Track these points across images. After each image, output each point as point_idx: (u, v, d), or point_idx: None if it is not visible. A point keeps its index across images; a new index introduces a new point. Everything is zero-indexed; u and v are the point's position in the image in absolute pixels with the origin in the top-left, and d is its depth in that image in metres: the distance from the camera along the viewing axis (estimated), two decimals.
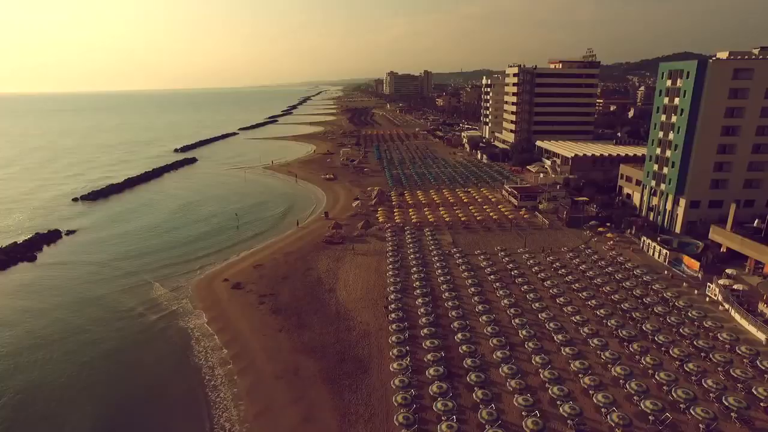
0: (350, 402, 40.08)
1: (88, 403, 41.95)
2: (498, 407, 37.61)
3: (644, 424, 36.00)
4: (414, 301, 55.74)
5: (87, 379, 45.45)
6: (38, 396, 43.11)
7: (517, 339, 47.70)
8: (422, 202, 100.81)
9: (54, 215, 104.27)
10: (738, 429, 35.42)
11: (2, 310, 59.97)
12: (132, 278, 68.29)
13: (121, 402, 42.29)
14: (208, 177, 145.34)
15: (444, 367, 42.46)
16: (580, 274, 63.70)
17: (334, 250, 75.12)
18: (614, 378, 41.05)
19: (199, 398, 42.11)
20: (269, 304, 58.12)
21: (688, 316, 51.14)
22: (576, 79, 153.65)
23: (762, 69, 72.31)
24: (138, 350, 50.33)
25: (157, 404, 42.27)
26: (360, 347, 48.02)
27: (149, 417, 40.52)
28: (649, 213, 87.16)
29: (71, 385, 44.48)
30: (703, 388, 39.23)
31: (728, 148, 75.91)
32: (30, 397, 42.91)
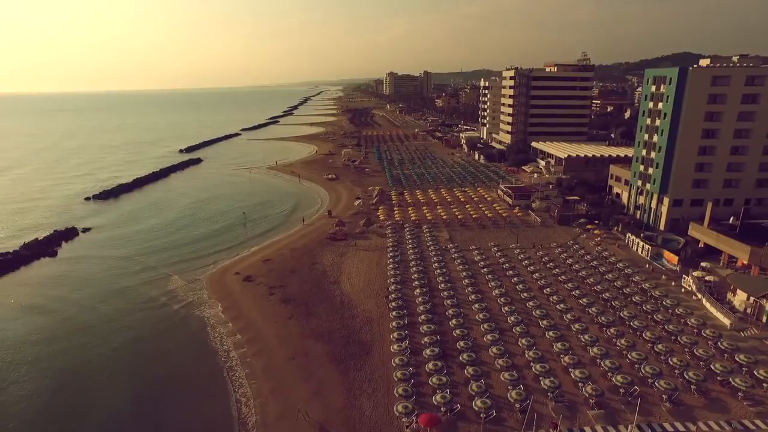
0: (355, 379, 44.84)
1: (123, 380, 46.74)
2: (486, 382, 42.34)
3: (615, 396, 40.80)
4: (412, 292, 60.53)
5: (120, 360, 50.20)
6: (80, 375, 47.92)
7: (505, 325, 52.45)
8: (421, 201, 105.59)
9: (68, 214, 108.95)
10: (696, 399, 40.25)
11: (38, 299, 65.05)
12: (151, 272, 73.03)
13: (151, 380, 47.05)
14: (214, 177, 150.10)
15: (439, 348, 47.24)
16: (567, 267, 68.50)
17: (337, 246, 79.88)
18: (591, 357, 45.83)
19: (219, 377, 46.88)
20: (279, 295, 62.88)
21: (662, 304, 55.97)
22: (571, 82, 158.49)
23: (738, 76, 77.14)
24: (163, 336, 55.11)
25: (182, 382, 46.96)
26: (363, 332, 52.79)
27: (177, 393, 45.33)
28: (636, 211, 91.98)
29: (106, 366, 49.28)
30: (669, 365, 44.06)
31: (708, 149, 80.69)
32: (73, 376, 47.67)
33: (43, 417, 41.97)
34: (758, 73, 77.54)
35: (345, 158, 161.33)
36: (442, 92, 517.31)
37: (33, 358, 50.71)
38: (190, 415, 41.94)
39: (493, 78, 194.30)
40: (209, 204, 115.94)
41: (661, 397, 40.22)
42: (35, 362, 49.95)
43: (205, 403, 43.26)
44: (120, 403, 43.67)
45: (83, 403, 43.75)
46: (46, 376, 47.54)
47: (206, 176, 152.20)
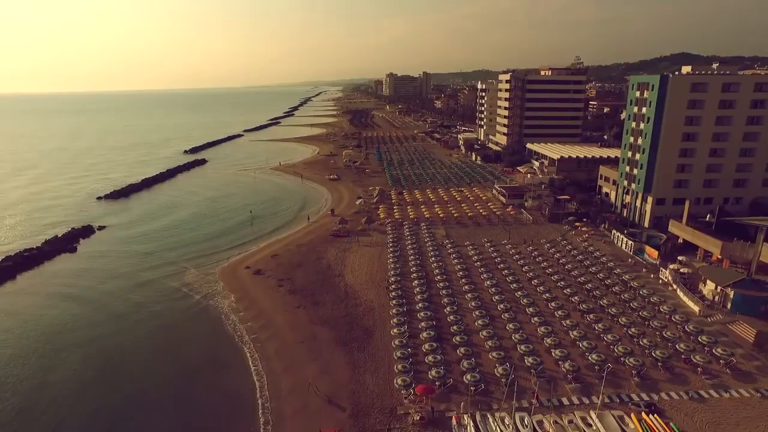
0: (359, 359, 50.01)
1: (158, 360, 52.09)
2: (477, 361, 47.52)
3: (590, 372, 46.00)
4: (411, 283, 65.75)
5: (152, 344, 55.58)
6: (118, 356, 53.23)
7: (495, 312, 57.64)
8: (419, 201, 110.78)
9: (82, 212, 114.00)
10: (661, 374, 45.48)
11: (71, 290, 70.57)
12: (170, 267, 78.17)
13: (181, 360, 52.26)
14: (220, 177, 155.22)
15: (434, 332, 52.48)
16: (555, 261, 73.73)
17: (340, 242, 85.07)
18: (571, 340, 51.06)
19: (238, 357, 52.07)
20: (287, 287, 68.05)
21: (639, 294, 61.26)
22: (564, 86, 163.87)
23: (716, 83, 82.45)
24: (186, 323, 60.35)
25: (207, 362, 51.94)
26: (366, 319, 57.97)
27: (203, 370, 50.41)
28: (622, 209, 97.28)
29: (140, 348, 54.74)
30: (640, 345, 49.30)
31: (689, 152, 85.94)
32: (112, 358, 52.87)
33: (91, 393, 47.09)
34: (733, 81, 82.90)
35: (346, 159, 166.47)
36: (442, 93, 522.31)
37: (76, 342, 56.03)
38: (218, 388, 47.11)
39: (490, 81, 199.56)
40: (218, 203, 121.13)
41: (630, 373, 45.44)
42: (79, 346, 55.21)
43: (228, 379, 48.44)
44: (156, 379, 48.97)
45: (124, 380, 49.06)
46: (90, 358, 52.90)
47: (212, 176, 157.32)
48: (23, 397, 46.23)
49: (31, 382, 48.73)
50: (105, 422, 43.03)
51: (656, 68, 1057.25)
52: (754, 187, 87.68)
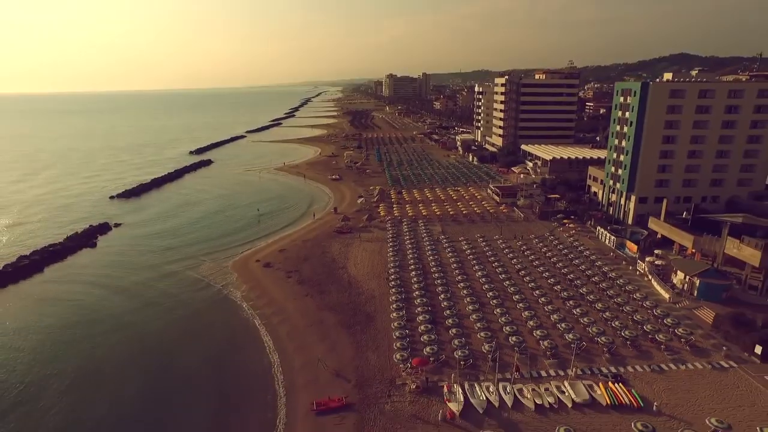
0: (362, 339, 56.05)
1: (189, 342, 58.24)
2: (466, 340, 53.57)
3: (566, 349, 52.05)
4: (408, 274, 71.84)
5: (184, 327, 61.93)
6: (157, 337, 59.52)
7: (485, 299, 63.72)
8: (417, 199, 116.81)
9: (97, 211, 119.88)
10: (629, 350, 51.60)
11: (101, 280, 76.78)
12: (188, 260, 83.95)
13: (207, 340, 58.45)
14: (227, 177, 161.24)
15: (429, 316, 58.54)
16: (542, 254, 79.81)
17: (343, 238, 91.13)
18: (552, 322, 57.10)
19: (255, 338, 58.12)
20: (295, 278, 74.09)
21: (616, 283, 67.41)
22: (558, 89, 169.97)
23: (692, 90, 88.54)
24: (208, 309, 66.37)
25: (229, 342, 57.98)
26: (368, 305, 64.02)
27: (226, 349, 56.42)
28: (608, 207, 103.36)
29: (173, 330, 61.18)
30: (612, 327, 55.41)
31: (669, 153, 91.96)
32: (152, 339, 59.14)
33: (135, 368, 53.43)
34: (709, 87, 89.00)
35: (347, 160, 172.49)
36: (441, 94, 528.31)
37: (116, 326, 62.26)
38: (240, 364, 53.21)
39: (487, 84, 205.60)
40: (226, 201, 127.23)
41: (602, 350, 51.52)
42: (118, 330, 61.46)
43: (248, 356, 54.57)
44: (188, 356, 55.40)
45: (161, 358, 55.53)
46: (131, 339, 59.21)
47: (219, 176, 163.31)
48: (79, 371, 52.44)
49: (83, 359, 54.90)
50: (151, 390, 49.45)
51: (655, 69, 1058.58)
52: (730, 187, 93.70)
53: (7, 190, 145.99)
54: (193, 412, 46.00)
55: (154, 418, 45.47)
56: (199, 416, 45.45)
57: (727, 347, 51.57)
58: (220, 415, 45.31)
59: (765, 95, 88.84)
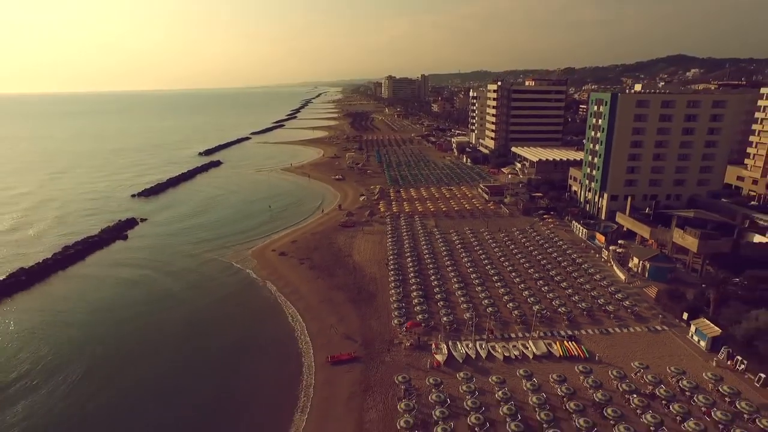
0: (366, 311, 67.71)
1: (227, 318, 69.43)
2: (451, 310, 65.21)
3: (531, 317, 63.80)
4: (405, 261, 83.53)
5: (221, 305, 73.09)
6: (200, 314, 70.62)
7: (469, 280, 75.41)
8: (414, 197, 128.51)
9: (122, 207, 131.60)
10: (584, 318, 63.43)
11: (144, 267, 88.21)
12: (214, 252, 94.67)
13: (244, 313, 70.18)
14: (237, 177, 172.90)
15: (422, 293, 70.27)
16: (521, 245, 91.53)
17: (348, 231, 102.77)
18: (523, 298, 68.86)
19: (278, 312, 69.74)
20: (307, 264, 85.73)
21: (582, 267, 79.19)
22: (546, 95, 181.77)
23: (656, 100, 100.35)
24: (239, 291, 77.55)
25: (257, 315, 69.66)
26: (370, 286, 75.68)
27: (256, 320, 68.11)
28: (585, 204, 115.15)
29: (214, 309, 71.94)
30: (572, 300, 67.24)
31: (636, 156, 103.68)
32: (196, 315, 70.28)
33: (190, 334, 65.17)
34: (670, 99, 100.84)
35: (349, 161, 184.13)
36: (439, 96, 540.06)
37: (168, 305, 73.48)
38: (271, 330, 65.06)
39: (481, 89, 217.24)
40: (240, 199, 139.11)
41: (562, 318, 63.32)
42: (171, 308, 72.45)
43: (276, 324, 66.35)
44: (231, 323, 67.25)
45: (212, 324, 67.30)
46: (188, 311, 71.04)
47: (230, 176, 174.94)
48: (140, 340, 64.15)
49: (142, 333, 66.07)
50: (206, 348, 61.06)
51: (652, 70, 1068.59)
52: (691, 186, 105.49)
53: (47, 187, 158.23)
54: (239, 362, 57.65)
55: (213, 364, 57.42)
56: (243, 365, 57.11)
57: (663, 315, 63.40)
58: (259, 365, 57.04)
59: (719, 105, 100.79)
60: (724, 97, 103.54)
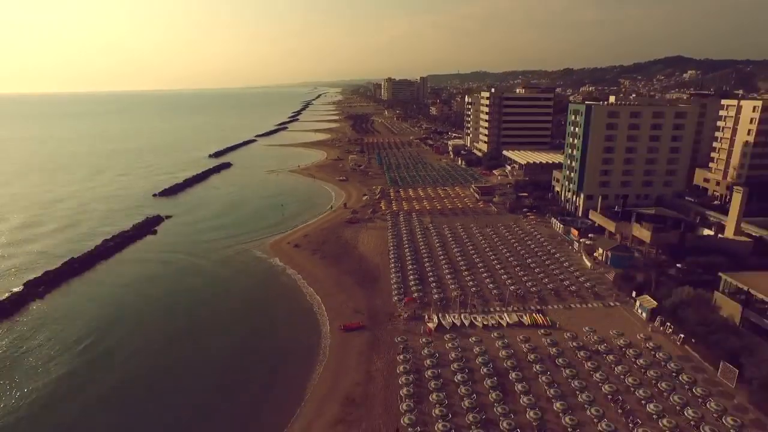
0: (370, 291, 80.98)
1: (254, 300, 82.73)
2: (442, 290, 78.60)
3: (508, 296, 77.17)
4: (403, 251, 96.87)
5: (248, 290, 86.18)
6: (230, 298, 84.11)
7: (458, 267, 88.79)
8: (412, 197, 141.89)
9: (146, 205, 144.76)
10: (552, 296, 76.90)
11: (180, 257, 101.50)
12: (237, 245, 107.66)
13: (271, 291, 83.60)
14: (248, 178, 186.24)
15: (418, 277, 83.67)
16: (505, 238, 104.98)
17: (353, 226, 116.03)
18: (502, 280, 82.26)
19: (297, 293, 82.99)
20: (319, 254, 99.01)
21: (555, 257, 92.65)
22: (535, 102, 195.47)
23: (625, 111, 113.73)
24: (265, 274, 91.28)
25: (280, 295, 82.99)
26: (374, 272, 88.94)
27: (279, 300, 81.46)
28: (565, 203, 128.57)
29: (242, 293, 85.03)
30: (543, 282, 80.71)
31: (608, 161, 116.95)
32: (238, 295, 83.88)
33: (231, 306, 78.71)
34: (638, 110, 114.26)
35: (352, 163, 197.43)
36: (437, 98, 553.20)
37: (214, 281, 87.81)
38: (294, 305, 78.43)
39: (476, 95, 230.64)
40: (253, 198, 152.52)
41: (533, 296, 76.72)
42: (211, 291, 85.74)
43: (297, 301, 79.69)
44: (258, 304, 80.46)
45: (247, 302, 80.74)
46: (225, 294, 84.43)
47: (241, 177, 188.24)
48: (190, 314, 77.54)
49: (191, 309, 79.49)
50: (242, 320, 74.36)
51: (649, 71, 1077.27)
52: (658, 187, 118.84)
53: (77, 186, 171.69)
54: (272, 330, 71.15)
55: (251, 330, 70.67)
56: (275, 332, 70.62)
57: (617, 294, 76.90)
58: (288, 332, 70.50)
59: (680, 116, 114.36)
60: (685, 109, 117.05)
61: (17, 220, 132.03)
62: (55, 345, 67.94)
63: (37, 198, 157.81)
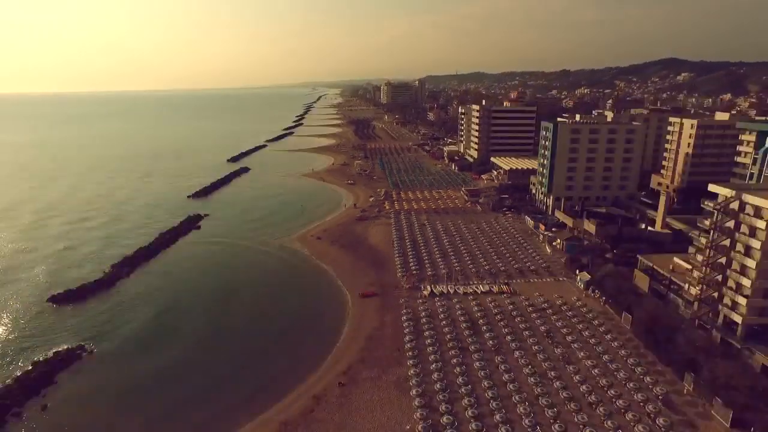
0: (380, 271, 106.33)
1: (287, 280, 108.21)
2: (435, 269, 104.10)
3: (485, 272, 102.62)
4: (405, 242, 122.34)
5: (281, 272, 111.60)
6: (268, 281, 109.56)
7: (447, 253, 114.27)
8: (411, 198, 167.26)
9: (184, 205, 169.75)
10: (517, 274, 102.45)
11: (227, 247, 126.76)
12: (271, 237, 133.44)
13: (303, 272, 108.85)
14: (267, 181, 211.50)
15: (416, 261, 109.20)
16: (485, 231, 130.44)
17: (363, 222, 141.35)
18: (479, 261, 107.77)
19: (324, 274, 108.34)
20: (337, 245, 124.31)
21: (522, 246, 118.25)
22: (520, 113, 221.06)
23: (585, 128, 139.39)
24: (296, 260, 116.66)
25: (308, 275, 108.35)
26: (382, 257, 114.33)
27: (308, 278, 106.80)
28: (539, 204, 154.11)
29: (276, 274, 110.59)
30: (509, 264, 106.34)
31: (572, 169, 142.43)
32: (277, 274, 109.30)
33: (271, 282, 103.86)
34: (596, 128, 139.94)
35: (358, 168, 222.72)
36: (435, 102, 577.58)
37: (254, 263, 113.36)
38: (321, 281, 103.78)
39: (468, 106, 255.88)
40: (275, 199, 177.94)
41: (503, 273, 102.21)
42: (255, 265, 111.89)
43: (324, 279, 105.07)
44: (295, 280, 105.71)
45: (286, 279, 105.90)
46: (263, 273, 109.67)
47: (260, 181, 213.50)
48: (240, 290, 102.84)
49: (240, 287, 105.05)
50: (280, 293, 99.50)
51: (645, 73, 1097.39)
52: (614, 190, 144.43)
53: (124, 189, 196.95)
54: (309, 296, 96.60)
55: (294, 296, 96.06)
56: (310, 299, 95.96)
57: (565, 272, 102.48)
58: (320, 299, 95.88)
59: (630, 132, 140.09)
60: (634, 127, 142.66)
61: (72, 216, 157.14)
62: (147, 305, 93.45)
63: (85, 195, 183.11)
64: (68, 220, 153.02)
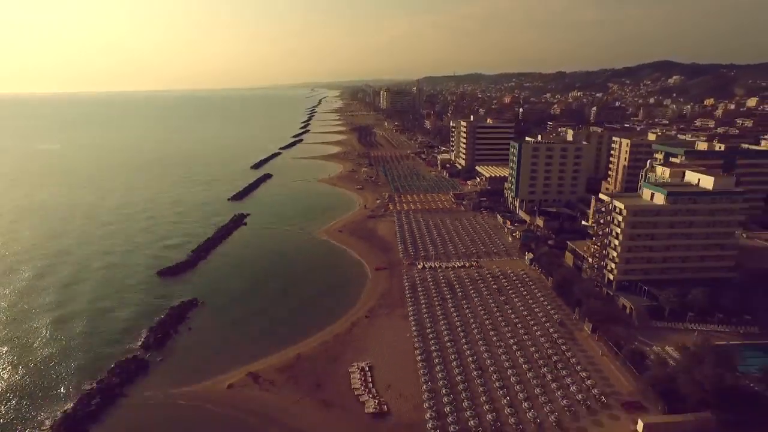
0: (388, 254, 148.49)
1: (319, 263, 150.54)
2: (426, 251, 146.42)
3: (460, 253, 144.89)
4: (405, 234, 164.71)
5: (314, 258, 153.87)
6: (315, 260, 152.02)
7: (436, 242, 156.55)
8: (410, 200, 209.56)
9: (227, 206, 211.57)
10: (483, 255, 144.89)
11: (273, 238, 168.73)
12: (305, 231, 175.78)
13: (331, 255, 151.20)
14: (290, 186, 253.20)
15: (413, 247, 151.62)
16: (465, 226, 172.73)
17: (373, 219, 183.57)
18: (458, 246, 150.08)
19: (347, 257, 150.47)
20: (355, 236, 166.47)
21: (491, 236, 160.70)
22: (501, 129, 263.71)
23: (543, 147, 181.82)
24: (325, 247, 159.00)
25: (334, 257, 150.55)
26: (388, 244, 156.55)
27: (335, 258, 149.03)
28: (510, 205, 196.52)
29: (311, 259, 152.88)
30: (477, 248, 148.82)
31: (534, 177, 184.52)
32: (312, 260, 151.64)
33: (309, 264, 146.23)
34: (552, 146, 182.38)
35: (365, 175, 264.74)
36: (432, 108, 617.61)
37: (295, 250, 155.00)
38: (346, 261, 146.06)
39: (458, 120, 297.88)
40: (299, 200, 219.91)
41: (473, 254, 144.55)
42: (298, 254, 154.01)
43: (347, 259, 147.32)
44: (328, 259, 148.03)
45: (319, 261, 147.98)
46: (304, 258, 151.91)
47: (284, 185, 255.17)
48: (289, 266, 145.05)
49: (285, 268, 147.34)
50: (315, 271, 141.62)
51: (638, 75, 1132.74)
52: (567, 194, 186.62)
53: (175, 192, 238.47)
54: (340, 270, 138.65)
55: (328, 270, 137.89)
56: (340, 271, 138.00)
57: (519, 253, 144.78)
58: (346, 272, 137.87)
59: (579, 150, 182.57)
60: (581, 146, 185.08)
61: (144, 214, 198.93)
62: (227, 275, 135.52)
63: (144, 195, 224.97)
64: (150, 216, 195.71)
